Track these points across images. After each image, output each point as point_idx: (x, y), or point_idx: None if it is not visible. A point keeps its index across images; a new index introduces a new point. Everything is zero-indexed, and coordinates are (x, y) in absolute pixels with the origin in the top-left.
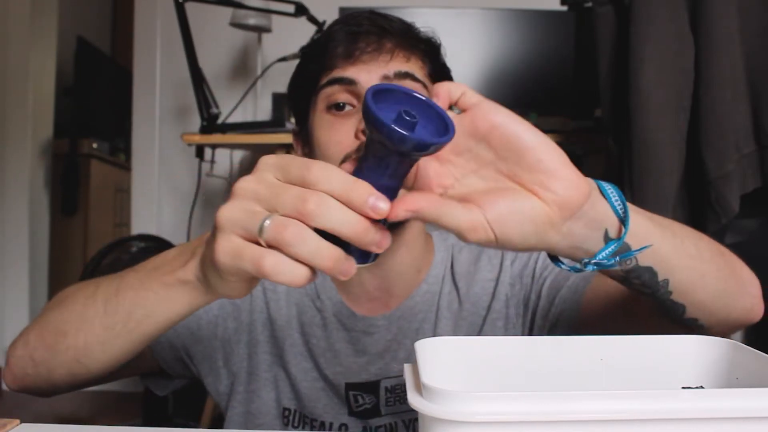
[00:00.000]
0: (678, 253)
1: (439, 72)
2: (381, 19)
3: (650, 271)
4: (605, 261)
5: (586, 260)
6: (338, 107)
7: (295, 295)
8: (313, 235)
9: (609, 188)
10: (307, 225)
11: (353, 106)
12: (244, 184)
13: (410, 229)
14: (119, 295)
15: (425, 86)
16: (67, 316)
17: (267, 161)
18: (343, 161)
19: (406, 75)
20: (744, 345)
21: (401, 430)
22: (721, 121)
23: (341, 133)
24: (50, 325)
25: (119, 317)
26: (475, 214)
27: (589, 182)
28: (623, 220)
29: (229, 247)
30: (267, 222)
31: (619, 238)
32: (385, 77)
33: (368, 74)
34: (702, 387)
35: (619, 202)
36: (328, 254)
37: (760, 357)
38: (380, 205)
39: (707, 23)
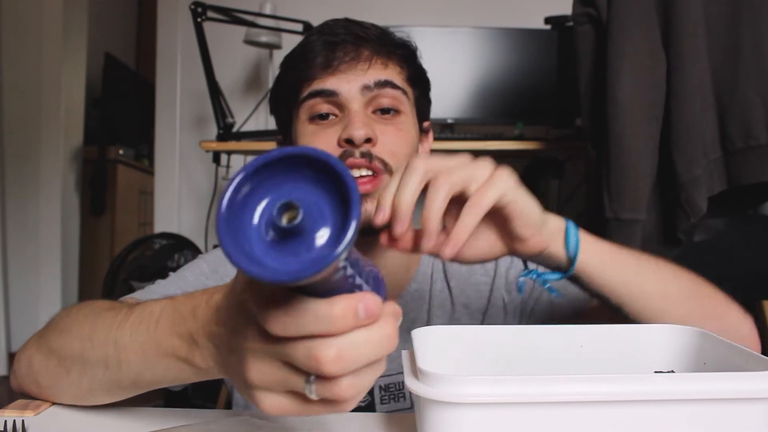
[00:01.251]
0: (636, 288)
1: (417, 75)
2: (356, 27)
3: (605, 298)
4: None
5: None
6: (321, 117)
7: None
8: (365, 378)
9: (573, 236)
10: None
11: (336, 115)
12: (249, 344)
13: None
14: (120, 356)
15: (404, 92)
16: (69, 353)
17: (236, 292)
18: None
19: (386, 83)
20: (710, 333)
21: None
22: (690, 129)
23: (324, 142)
24: (54, 354)
25: (125, 375)
26: None
27: (548, 238)
28: (572, 261)
29: (279, 407)
30: (311, 384)
31: (566, 272)
32: (365, 87)
33: (348, 84)
34: (673, 371)
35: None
36: (389, 345)
37: (725, 344)
38: (370, 304)
39: (678, 41)
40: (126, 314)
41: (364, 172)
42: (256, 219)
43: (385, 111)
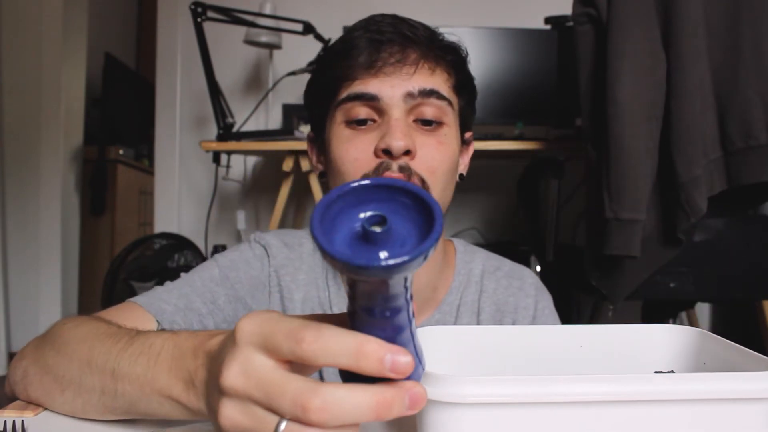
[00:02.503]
0: None
1: (464, 83)
2: (405, 25)
3: None
4: None
5: None
6: (359, 122)
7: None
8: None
9: None
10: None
11: (374, 120)
12: (231, 381)
13: None
14: (117, 386)
15: (450, 103)
16: (65, 373)
17: (246, 331)
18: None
19: (431, 93)
20: (710, 333)
21: None
22: (691, 129)
23: (359, 149)
24: (50, 372)
25: (119, 404)
26: None
27: None
28: None
29: None
30: (281, 427)
31: None
32: (409, 94)
33: (391, 89)
34: (672, 371)
35: None
36: (375, 414)
37: (725, 344)
38: (400, 360)
39: (678, 41)
40: (126, 343)
41: None
42: (354, 216)
43: (426, 122)
